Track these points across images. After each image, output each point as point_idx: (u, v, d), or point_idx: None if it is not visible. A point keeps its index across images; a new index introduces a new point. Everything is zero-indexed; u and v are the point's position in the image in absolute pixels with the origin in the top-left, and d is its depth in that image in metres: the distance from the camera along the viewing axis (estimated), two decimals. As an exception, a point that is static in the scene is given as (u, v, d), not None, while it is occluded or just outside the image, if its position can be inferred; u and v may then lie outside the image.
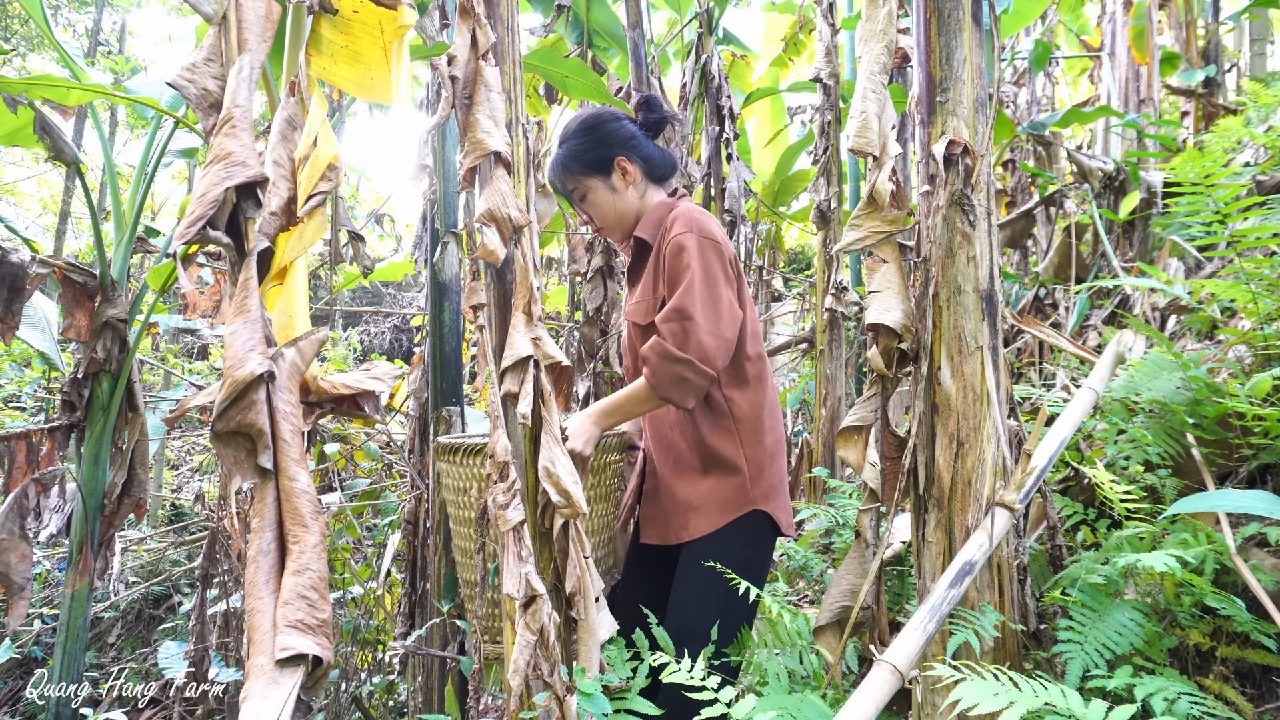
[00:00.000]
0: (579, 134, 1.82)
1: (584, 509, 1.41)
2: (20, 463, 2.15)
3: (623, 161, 1.80)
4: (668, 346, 1.61)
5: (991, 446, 1.54)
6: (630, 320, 1.83)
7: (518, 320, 1.45)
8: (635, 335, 1.82)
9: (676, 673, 1.30)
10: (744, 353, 1.76)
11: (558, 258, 6.81)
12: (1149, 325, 2.44)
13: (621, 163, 1.80)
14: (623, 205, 1.82)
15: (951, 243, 1.58)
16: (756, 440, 1.76)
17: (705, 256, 1.67)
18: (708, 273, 1.66)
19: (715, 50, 3.84)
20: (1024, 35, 5.48)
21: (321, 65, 1.52)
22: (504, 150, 1.41)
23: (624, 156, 1.81)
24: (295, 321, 1.27)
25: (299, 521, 1.01)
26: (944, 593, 1.35)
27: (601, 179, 1.81)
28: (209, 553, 3.10)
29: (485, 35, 1.43)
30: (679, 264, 1.66)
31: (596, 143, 1.81)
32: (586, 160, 1.80)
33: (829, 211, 3.75)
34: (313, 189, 1.21)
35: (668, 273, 1.70)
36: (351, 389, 1.36)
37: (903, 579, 2.14)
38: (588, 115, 1.84)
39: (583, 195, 1.82)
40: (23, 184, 10.28)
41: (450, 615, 2.56)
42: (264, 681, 0.89)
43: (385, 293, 10.28)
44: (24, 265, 2.01)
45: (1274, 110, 4.00)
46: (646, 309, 1.76)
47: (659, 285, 1.74)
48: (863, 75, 1.63)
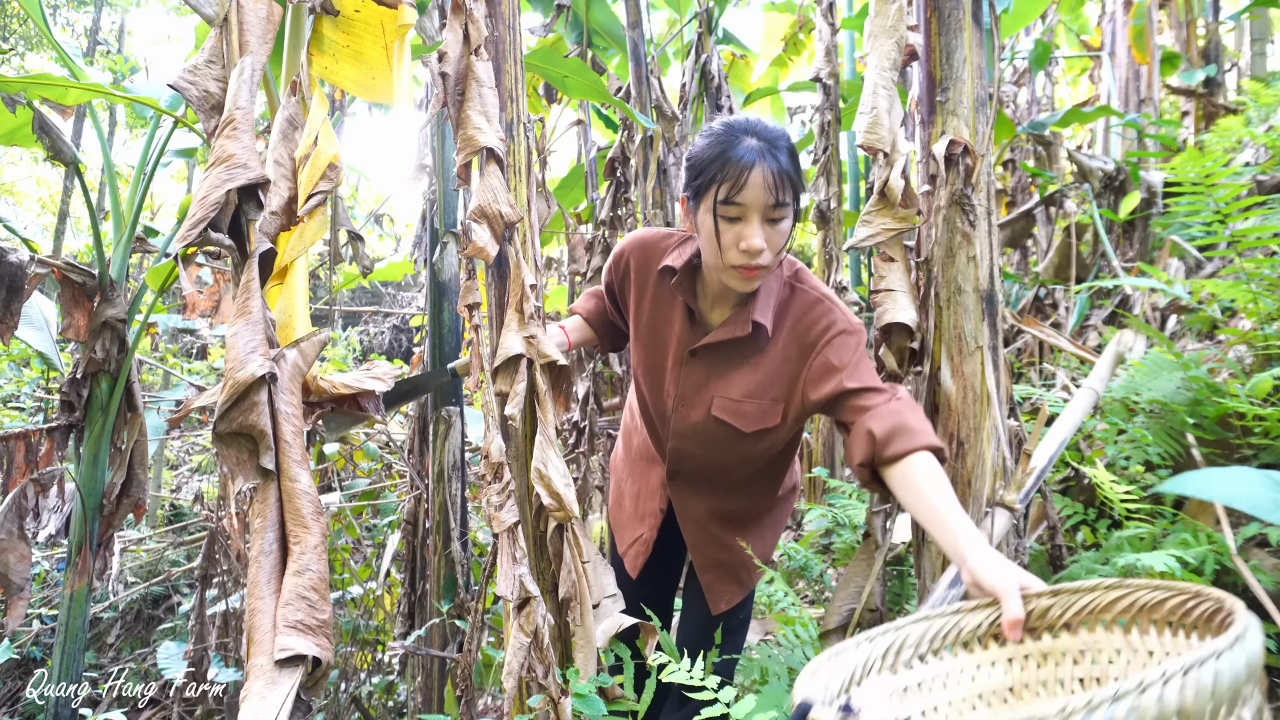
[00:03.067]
0: (794, 146, 1.40)
1: (576, 513, 1.40)
2: (19, 463, 2.15)
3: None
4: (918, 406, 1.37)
5: (991, 447, 1.54)
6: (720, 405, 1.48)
7: (510, 319, 1.44)
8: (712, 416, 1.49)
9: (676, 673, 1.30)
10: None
11: (557, 258, 6.82)
12: (1149, 325, 2.44)
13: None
14: (784, 252, 1.41)
15: (951, 243, 1.58)
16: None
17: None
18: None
19: (715, 50, 3.84)
20: (1024, 35, 5.48)
21: (324, 65, 1.52)
22: (496, 146, 1.40)
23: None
24: (295, 321, 1.27)
25: (300, 522, 1.01)
26: (944, 593, 1.35)
27: (798, 213, 1.39)
28: (208, 553, 3.10)
29: (478, 31, 1.42)
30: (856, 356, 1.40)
31: (802, 171, 1.41)
32: (801, 185, 1.39)
33: (829, 211, 3.76)
34: (313, 188, 1.21)
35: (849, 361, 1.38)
36: (352, 389, 1.36)
37: (903, 579, 2.14)
38: (789, 135, 1.41)
39: (783, 218, 1.35)
40: (21, 184, 10.28)
41: (450, 615, 2.56)
42: (263, 681, 0.89)
43: (385, 293, 10.28)
44: (23, 265, 2.01)
45: (1274, 110, 4.00)
46: (753, 416, 1.46)
47: (774, 385, 1.45)
48: (872, 71, 1.63)
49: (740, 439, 1.50)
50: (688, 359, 1.50)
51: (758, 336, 1.45)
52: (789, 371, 1.44)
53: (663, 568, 1.80)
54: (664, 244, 1.53)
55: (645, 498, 1.72)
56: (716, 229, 1.33)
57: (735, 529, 1.64)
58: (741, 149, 1.30)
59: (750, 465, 1.58)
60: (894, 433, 1.27)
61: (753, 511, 1.66)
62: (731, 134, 1.34)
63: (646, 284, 1.55)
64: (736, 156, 1.30)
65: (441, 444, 2.71)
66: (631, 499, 1.78)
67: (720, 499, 1.62)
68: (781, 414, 1.46)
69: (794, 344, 1.44)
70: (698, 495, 1.62)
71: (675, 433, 1.56)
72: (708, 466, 1.59)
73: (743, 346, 1.46)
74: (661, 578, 1.82)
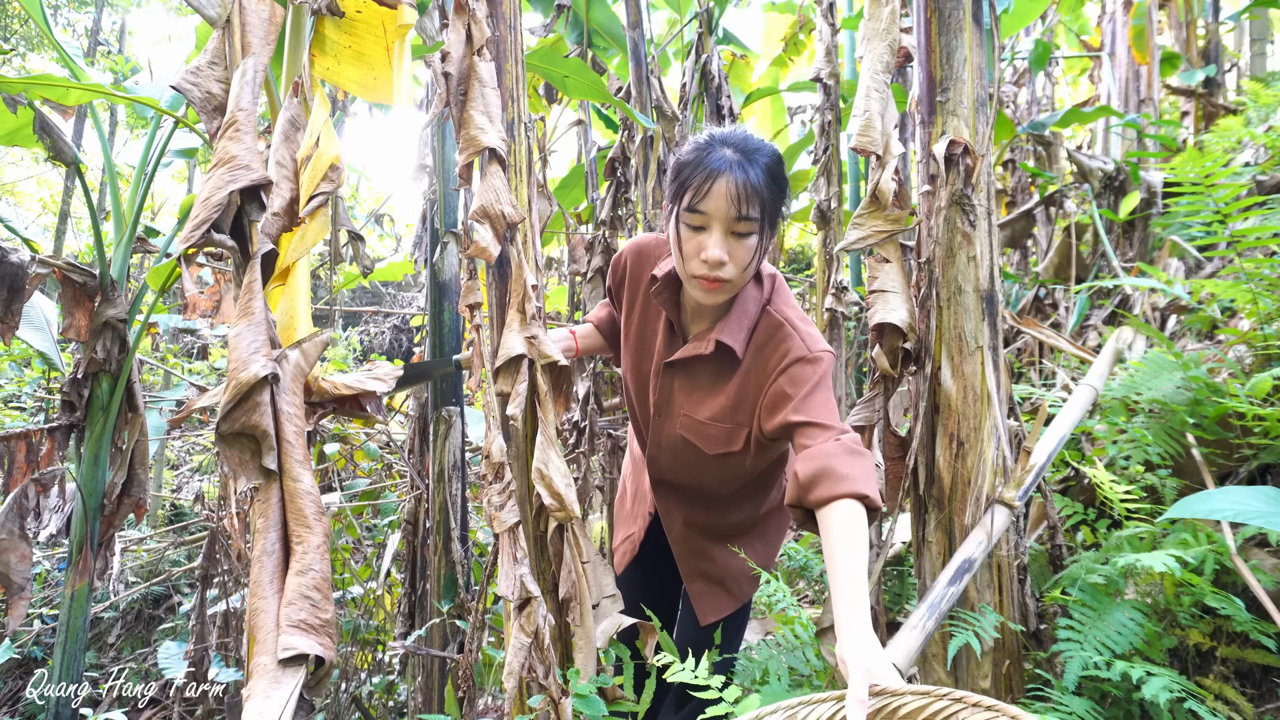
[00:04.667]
0: (779, 165, 1.35)
1: (576, 513, 1.40)
2: (20, 463, 2.15)
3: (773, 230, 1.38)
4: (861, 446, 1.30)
5: (991, 446, 1.54)
6: (685, 424, 1.48)
7: (512, 319, 1.44)
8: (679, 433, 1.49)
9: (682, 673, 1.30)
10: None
11: (558, 258, 6.82)
12: (1149, 325, 2.44)
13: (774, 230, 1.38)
14: (752, 269, 1.36)
15: (952, 243, 1.59)
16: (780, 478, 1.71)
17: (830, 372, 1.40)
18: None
19: (715, 50, 3.84)
20: (1024, 35, 5.48)
21: (326, 66, 1.53)
22: (498, 146, 1.41)
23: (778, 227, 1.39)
24: (297, 322, 1.27)
25: (303, 522, 1.01)
26: (943, 590, 1.35)
27: (769, 232, 1.35)
28: (209, 553, 3.10)
29: (480, 31, 1.42)
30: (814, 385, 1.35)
31: (784, 192, 1.37)
32: (775, 201, 1.34)
33: (829, 211, 3.76)
34: (315, 189, 1.21)
35: (804, 390, 1.34)
36: (353, 389, 1.36)
37: (903, 579, 2.14)
38: (779, 154, 1.37)
39: (749, 232, 1.31)
40: (22, 184, 10.28)
41: (450, 615, 2.56)
42: (267, 681, 0.90)
43: (385, 293, 10.28)
44: (24, 265, 2.01)
45: (1274, 110, 4.01)
46: (716, 439, 1.45)
47: (740, 414, 1.42)
48: (866, 74, 1.63)
49: (707, 460, 1.48)
50: (663, 370, 1.50)
51: (727, 357, 1.42)
52: (751, 397, 1.41)
53: (655, 568, 1.80)
54: (659, 252, 1.52)
55: (639, 499, 1.74)
56: (679, 237, 1.32)
57: (718, 541, 1.62)
58: (714, 157, 1.28)
59: (729, 484, 1.56)
60: (817, 478, 1.22)
61: (736, 527, 1.63)
62: (711, 143, 1.32)
63: (638, 290, 1.55)
64: (707, 164, 1.28)
65: (442, 444, 2.71)
66: (631, 497, 1.80)
67: (699, 512, 1.61)
68: (744, 440, 1.44)
69: (757, 370, 1.41)
70: (680, 505, 1.62)
71: (653, 441, 1.56)
72: (685, 479, 1.58)
73: (713, 366, 1.44)
74: (656, 578, 1.83)
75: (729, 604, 1.64)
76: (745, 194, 1.27)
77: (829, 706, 0.96)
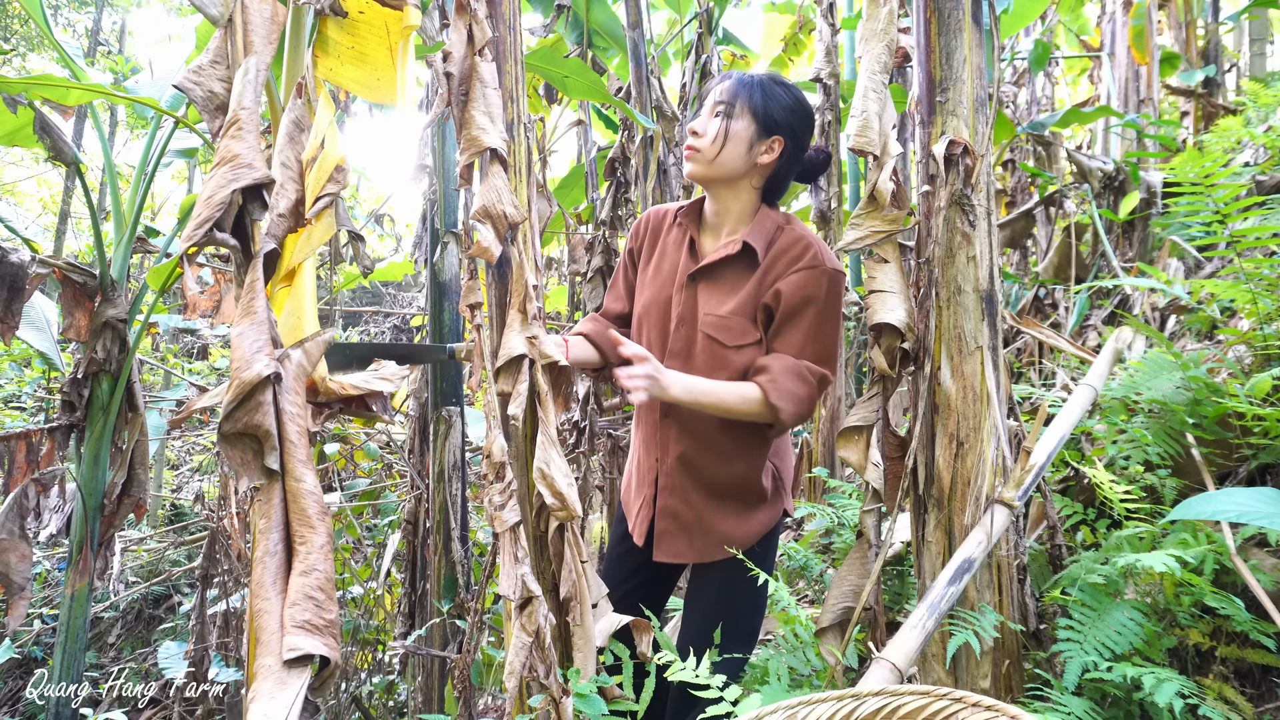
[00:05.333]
0: (785, 87, 1.63)
1: (578, 512, 1.41)
2: (20, 463, 2.15)
3: (778, 143, 1.62)
4: (811, 387, 1.55)
5: (991, 446, 1.54)
6: (707, 322, 1.66)
7: (513, 319, 1.45)
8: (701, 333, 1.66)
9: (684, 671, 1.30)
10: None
11: (558, 258, 6.82)
12: (1148, 325, 2.44)
13: (776, 143, 1.62)
14: (735, 164, 1.61)
15: (951, 243, 1.59)
16: (787, 451, 1.76)
17: (839, 299, 1.63)
18: (839, 316, 1.63)
19: (715, 50, 3.84)
20: (1024, 35, 5.49)
21: (328, 66, 1.53)
22: (499, 146, 1.41)
23: (785, 142, 1.63)
24: (304, 324, 1.27)
25: (305, 522, 1.02)
26: (943, 590, 1.35)
27: (756, 129, 1.59)
28: (209, 553, 3.10)
29: (482, 31, 1.43)
30: (810, 303, 1.58)
31: (788, 109, 1.61)
32: (768, 106, 1.59)
33: (829, 211, 3.76)
34: (320, 191, 1.21)
35: (797, 307, 1.57)
36: (360, 389, 1.36)
37: (903, 579, 2.15)
38: (800, 92, 1.66)
39: (729, 114, 1.59)
40: (23, 184, 10.28)
41: (450, 615, 2.57)
42: (272, 682, 0.90)
43: (385, 293, 10.27)
44: (24, 265, 2.01)
45: (1274, 110, 4.01)
46: (736, 330, 1.62)
47: (757, 308, 1.61)
48: (863, 75, 1.63)
49: (725, 355, 1.64)
50: (687, 284, 1.68)
51: (749, 258, 1.63)
52: (769, 285, 1.62)
53: (649, 559, 1.79)
54: (675, 208, 1.80)
55: (648, 448, 1.76)
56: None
57: (703, 490, 1.67)
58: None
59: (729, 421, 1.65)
60: (758, 370, 1.56)
61: (725, 484, 1.67)
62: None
63: (659, 236, 1.79)
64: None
65: (442, 444, 2.71)
66: (636, 469, 1.81)
67: (697, 450, 1.67)
68: (757, 331, 1.64)
69: (774, 268, 1.62)
70: (680, 439, 1.70)
71: (670, 353, 1.70)
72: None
73: (734, 267, 1.65)
74: (654, 572, 1.82)
75: (686, 553, 1.69)
76: (726, 84, 1.63)
77: (829, 706, 0.97)
